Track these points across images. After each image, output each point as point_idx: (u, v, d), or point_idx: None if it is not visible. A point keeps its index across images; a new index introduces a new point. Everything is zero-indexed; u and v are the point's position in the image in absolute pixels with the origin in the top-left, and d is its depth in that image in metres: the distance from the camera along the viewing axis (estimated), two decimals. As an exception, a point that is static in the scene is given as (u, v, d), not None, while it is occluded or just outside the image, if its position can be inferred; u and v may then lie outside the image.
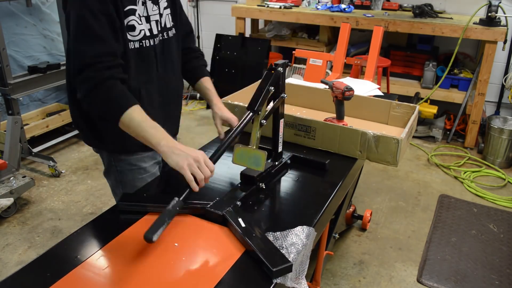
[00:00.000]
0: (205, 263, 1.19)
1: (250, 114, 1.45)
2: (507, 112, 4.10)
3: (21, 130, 3.15)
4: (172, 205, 1.24)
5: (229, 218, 1.29)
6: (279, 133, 1.61)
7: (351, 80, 2.65)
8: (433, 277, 2.35)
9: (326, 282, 2.32)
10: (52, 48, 3.85)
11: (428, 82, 4.03)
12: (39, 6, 3.76)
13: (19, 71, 3.48)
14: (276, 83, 1.50)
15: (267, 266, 1.12)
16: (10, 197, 2.77)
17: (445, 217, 2.89)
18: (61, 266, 1.14)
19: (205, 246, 1.25)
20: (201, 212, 1.35)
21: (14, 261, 2.45)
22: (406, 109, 2.06)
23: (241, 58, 4.54)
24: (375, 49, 3.04)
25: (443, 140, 4.06)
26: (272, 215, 1.45)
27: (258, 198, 1.49)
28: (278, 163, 1.64)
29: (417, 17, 3.82)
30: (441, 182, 3.36)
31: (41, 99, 3.88)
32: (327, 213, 1.51)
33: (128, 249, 1.22)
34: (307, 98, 2.31)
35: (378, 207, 3.02)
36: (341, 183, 1.62)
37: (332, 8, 4.11)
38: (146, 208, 1.39)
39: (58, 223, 2.79)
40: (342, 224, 2.51)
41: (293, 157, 1.72)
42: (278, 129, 1.60)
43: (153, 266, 1.15)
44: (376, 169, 3.49)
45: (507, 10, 3.65)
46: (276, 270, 1.11)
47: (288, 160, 1.69)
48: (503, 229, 2.77)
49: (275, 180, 1.61)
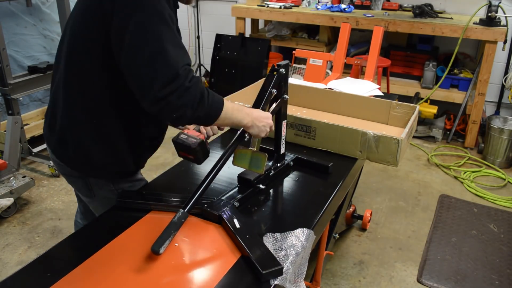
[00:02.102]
0: (204, 264, 1.19)
1: None
2: (507, 112, 4.10)
3: (21, 130, 3.15)
4: (177, 217, 1.23)
5: (224, 218, 1.29)
6: (282, 135, 1.60)
7: (351, 80, 2.65)
8: (433, 277, 2.35)
9: (326, 282, 2.32)
10: (52, 48, 3.85)
11: (428, 82, 4.03)
12: (39, 6, 3.75)
13: (19, 71, 3.48)
14: (279, 85, 1.50)
15: (257, 268, 1.11)
16: (10, 197, 2.77)
17: (445, 217, 2.89)
18: (61, 266, 1.14)
19: (205, 246, 1.25)
20: (198, 211, 1.35)
21: (14, 261, 2.45)
22: (406, 109, 2.06)
23: (241, 58, 4.54)
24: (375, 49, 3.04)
25: (443, 140, 4.05)
26: (271, 216, 1.45)
27: (257, 199, 1.49)
28: (281, 164, 1.64)
29: (417, 17, 3.82)
30: (441, 182, 3.36)
31: (41, 99, 3.88)
32: (327, 213, 1.51)
33: (128, 249, 1.22)
34: (307, 98, 2.31)
35: (378, 207, 3.01)
36: (341, 183, 1.62)
37: (332, 8, 4.11)
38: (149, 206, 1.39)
39: (58, 223, 2.79)
40: (342, 224, 2.51)
41: (296, 159, 1.71)
42: (281, 131, 1.60)
43: (153, 266, 1.15)
44: (376, 169, 3.49)
45: (507, 10, 3.65)
46: (266, 272, 1.10)
47: (291, 162, 1.69)
48: (503, 229, 2.77)
49: (276, 181, 1.61)
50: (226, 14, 4.75)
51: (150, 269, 1.14)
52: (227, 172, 1.59)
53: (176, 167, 1.74)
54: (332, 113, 2.25)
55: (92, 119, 1.37)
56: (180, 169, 1.71)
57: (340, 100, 2.22)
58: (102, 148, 1.40)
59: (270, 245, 1.23)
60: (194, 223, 1.33)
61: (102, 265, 1.16)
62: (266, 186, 1.53)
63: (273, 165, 1.61)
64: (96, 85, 1.33)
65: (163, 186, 1.58)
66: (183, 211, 1.25)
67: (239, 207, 1.40)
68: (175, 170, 1.71)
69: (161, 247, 1.15)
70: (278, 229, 1.30)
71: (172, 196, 1.42)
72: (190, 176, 1.68)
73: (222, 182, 1.57)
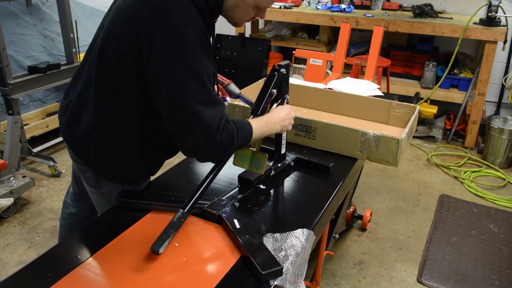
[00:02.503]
0: (204, 264, 1.19)
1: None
2: (507, 112, 4.09)
3: (21, 130, 3.15)
4: (177, 217, 1.23)
5: (224, 218, 1.29)
6: (282, 135, 1.60)
7: (351, 80, 2.65)
8: (433, 277, 2.35)
9: (326, 282, 2.32)
10: (52, 48, 3.85)
11: (428, 82, 4.03)
12: (39, 6, 3.75)
13: (19, 71, 3.48)
14: (279, 85, 1.50)
15: (257, 268, 1.11)
16: (10, 197, 2.76)
17: (445, 217, 2.89)
18: (61, 266, 1.14)
19: (205, 246, 1.25)
20: (198, 211, 1.35)
21: (14, 261, 2.45)
22: (406, 109, 2.06)
23: (241, 58, 4.54)
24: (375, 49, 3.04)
25: (443, 140, 4.05)
26: (271, 217, 1.45)
27: (257, 199, 1.49)
28: (281, 165, 1.64)
29: (417, 17, 3.82)
30: (441, 182, 3.36)
31: (41, 99, 3.87)
32: (327, 213, 1.51)
33: (128, 249, 1.22)
34: (307, 98, 2.31)
35: (378, 207, 3.01)
36: (341, 184, 1.62)
37: (332, 8, 4.11)
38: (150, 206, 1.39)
39: (58, 223, 2.78)
40: (342, 224, 2.50)
41: (297, 159, 1.71)
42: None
43: (153, 266, 1.15)
44: (376, 169, 3.49)
45: (507, 10, 3.65)
46: (265, 273, 1.10)
47: (292, 163, 1.69)
48: (503, 229, 2.77)
49: (276, 181, 1.61)
50: (226, 14, 4.75)
51: (150, 269, 1.14)
52: (227, 172, 1.59)
53: (176, 167, 1.74)
54: (332, 113, 2.25)
55: (118, 130, 1.37)
56: (180, 169, 1.72)
57: (340, 100, 2.22)
58: (122, 158, 1.41)
59: (270, 245, 1.23)
60: (194, 223, 1.33)
61: (102, 265, 1.16)
62: (266, 186, 1.53)
63: (274, 166, 1.61)
64: (127, 100, 1.33)
65: (163, 186, 1.58)
66: (183, 211, 1.25)
67: (239, 207, 1.40)
68: (175, 170, 1.71)
69: (160, 247, 1.15)
70: (278, 230, 1.29)
71: (172, 196, 1.42)
72: (190, 176, 1.68)
73: (222, 182, 1.57)
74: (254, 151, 1.45)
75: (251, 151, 1.44)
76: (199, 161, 1.38)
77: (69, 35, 3.61)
